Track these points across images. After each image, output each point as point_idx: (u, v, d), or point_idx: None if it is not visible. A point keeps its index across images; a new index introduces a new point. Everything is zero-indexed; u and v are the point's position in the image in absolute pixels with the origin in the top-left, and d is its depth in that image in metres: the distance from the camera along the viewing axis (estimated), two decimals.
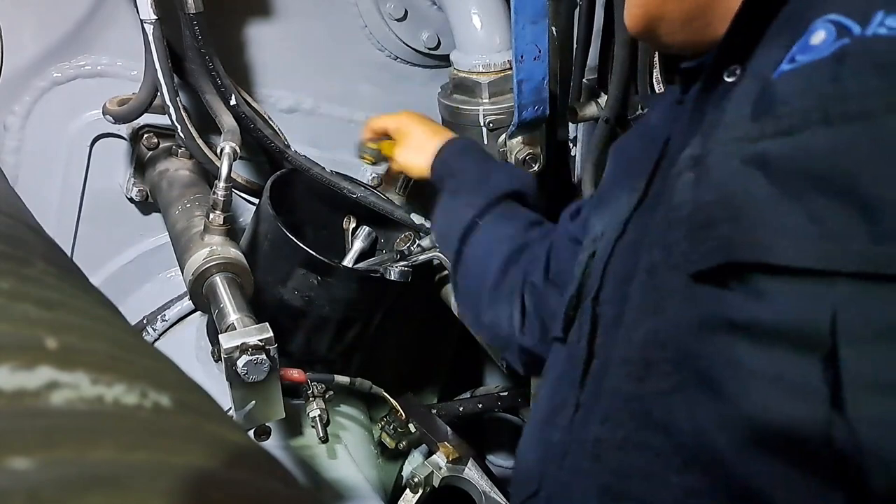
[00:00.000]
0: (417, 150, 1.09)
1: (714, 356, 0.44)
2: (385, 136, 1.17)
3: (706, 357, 0.44)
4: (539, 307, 0.86)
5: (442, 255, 1.14)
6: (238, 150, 1.01)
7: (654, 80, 1.02)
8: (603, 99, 1.12)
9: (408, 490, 1.10)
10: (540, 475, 0.61)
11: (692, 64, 0.61)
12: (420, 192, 1.25)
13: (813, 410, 0.38)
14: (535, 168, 1.13)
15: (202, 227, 1.00)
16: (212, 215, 0.98)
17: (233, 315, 0.89)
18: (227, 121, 1.08)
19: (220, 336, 0.85)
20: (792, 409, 0.39)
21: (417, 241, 1.19)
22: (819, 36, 0.43)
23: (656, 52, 1.01)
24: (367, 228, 1.32)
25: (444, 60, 1.31)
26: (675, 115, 0.63)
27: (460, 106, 1.15)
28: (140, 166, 1.25)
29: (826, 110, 0.40)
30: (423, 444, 1.28)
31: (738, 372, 0.42)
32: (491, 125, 1.13)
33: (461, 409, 1.39)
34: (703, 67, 0.57)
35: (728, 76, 0.53)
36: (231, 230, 1.01)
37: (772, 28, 0.50)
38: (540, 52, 1.01)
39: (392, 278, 1.10)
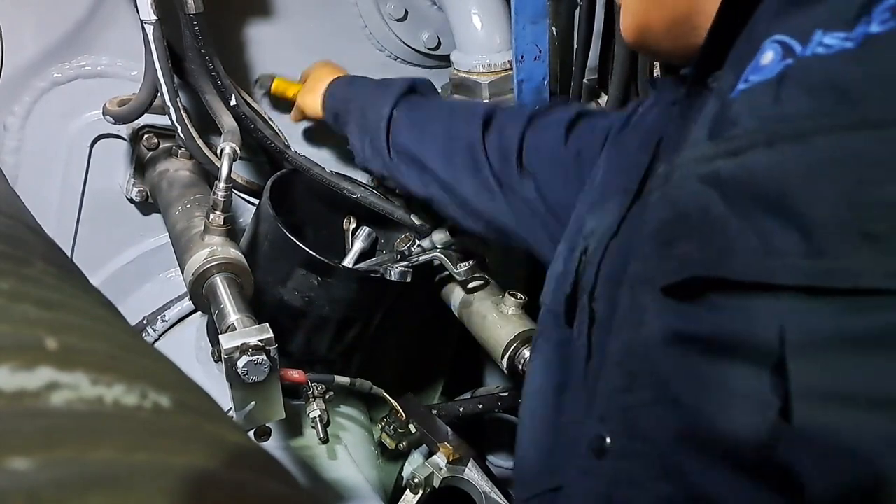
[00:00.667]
0: (311, 91, 1.16)
1: (675, 369, 0.46)
2: None
3: (670, 370, 0.46)
4: (508, 185, 0.91)
5: (442, 256, 1.14)
6: (238, 151, 1.01)
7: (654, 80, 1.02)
8: (603, 99, 1.12)
9: (408, 491, 1.10)
10: (557, 470, 0.61)
11: (687, 71, 0.62)
12: None
13: (762, 421, 0.39)
14: None
15: (202, 228, 1.00)
16: (212, 216, 0.98)
17: (233, 315, 0.89)
18: (227, 121, 1.08)
19: (220, 336, 0.85)
20: (743, 421, 0.40)
21: (417, 242, 1.19)
22: (768, 56, 0.44)
23: None
24: (367, 229, 1.32)
25: (445, 60, 1.31)
26: (667, 118, 0.64)
27: None
28: (140, 167, 1.25)
29: (768, 131, 0.42)
30: (424, 445, 1.28)
31: (694, 384, 0.44)
32: None
33: (461, 409, 1.38)
34: (688, 75, 0.58)
35: (713, 82, 0.54)
36: (231, 230, 1.01)
37: (736, 45, 0.51)
38: (540, 52, 1.01)
39: (392, 279, 1.10)
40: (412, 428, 1.22)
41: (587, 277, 0.63)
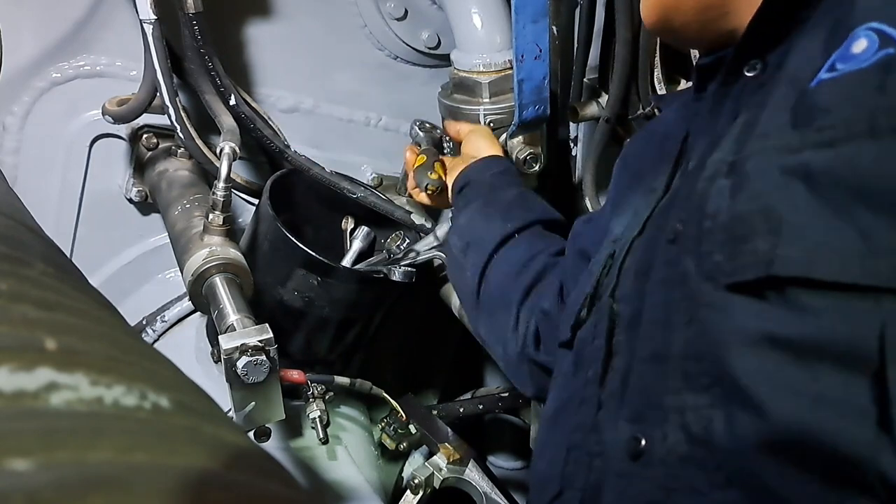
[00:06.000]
0: (463, 164, 1.06)
1: (753, 371, 0.42)
2: (432, 153, 1.14)
3: (744, 372, 0.43)
4: (554, 332, 0.84)
5: (442, 256, 1.14)
6: (237, 151, 1.00)
7: (656, 79, 1.02)
8: (604, 98, 1.12)
9: (408, 491, 1.10)
10: (561, 476, 0.60)
11: (708, 60, 0.60)
12: None
13: (859, 430, 0.37)
14: (536, 168, 1.13)
15: (202, 228, 1.00)
16: (211, 216, 0.98)
17: (232, 316, 0.89)
18: (226, 121, 1.08)
19: (219, 337, 0.85)
20: (837, 429, 0.38)
21: (407, 241, 1.18)
22: (861, 44, 0.42)
23: (657, 52, 1.01)
24: (366, 229, 1.31)
25: (445, 60, 1.30)
26: (692, 112, 0.62)
27: (461, 105, 1.15)
28: (139, 167, 1.25)
29: (872, 122, 0.39)
30: (424, 446, 1.28)
31: (778, 389, 0.41)
32: (492, 125, 1.13)
33: (462, 410, 1.38)
34: (723, 62, 0.56)
35: (748, 70, 0.53)
36: (231, 231, 1.01)
37: (804, 29, 0.49)
38: (541, 51, 1.01)
39: (396, 279, 1.10)
40: (412, 428, 1.22)
41: (609, 278, 0.61)
